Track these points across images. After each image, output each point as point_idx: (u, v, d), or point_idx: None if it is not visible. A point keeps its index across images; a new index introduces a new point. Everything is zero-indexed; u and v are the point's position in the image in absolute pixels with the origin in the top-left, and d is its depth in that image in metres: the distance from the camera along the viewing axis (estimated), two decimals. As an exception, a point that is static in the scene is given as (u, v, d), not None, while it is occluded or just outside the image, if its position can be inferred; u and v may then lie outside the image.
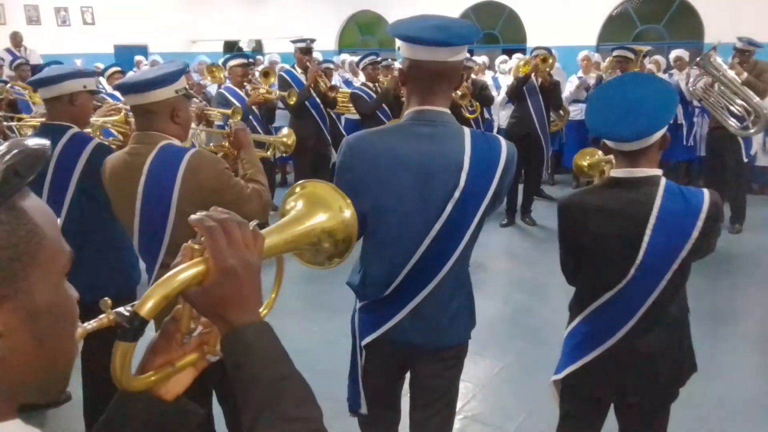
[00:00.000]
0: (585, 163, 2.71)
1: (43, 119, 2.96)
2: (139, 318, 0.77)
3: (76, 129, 2.63)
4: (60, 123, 2.62)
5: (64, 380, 0.69)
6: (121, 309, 0.78)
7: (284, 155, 3.88)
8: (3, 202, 0.58)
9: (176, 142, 2.09)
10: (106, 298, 0.79)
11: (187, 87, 2.17)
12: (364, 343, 1.98)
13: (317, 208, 1.00)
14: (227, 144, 2.58)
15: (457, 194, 1.77)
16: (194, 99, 5.29)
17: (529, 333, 4.15)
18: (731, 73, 5.41)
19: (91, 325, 0.77)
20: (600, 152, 2.60)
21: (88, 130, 3.11)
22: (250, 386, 0.79)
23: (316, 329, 4.04)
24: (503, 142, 1.88)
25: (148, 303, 0.77)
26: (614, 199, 1.90)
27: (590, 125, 1.98)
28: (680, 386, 2.06)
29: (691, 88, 6.03)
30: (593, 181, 2.57)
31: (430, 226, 1.80)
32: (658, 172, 1.91)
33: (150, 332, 0.89)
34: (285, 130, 3.89)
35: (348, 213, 1.01)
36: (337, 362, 3.52)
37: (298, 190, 1.06)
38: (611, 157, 2.10)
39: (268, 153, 3.91)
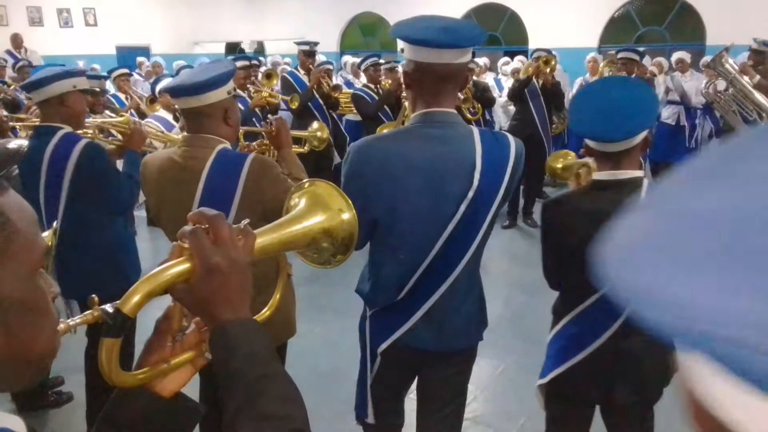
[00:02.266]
0: (559, 166, 2.71)
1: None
2: (122, 315, 0.78)
3: (67, 129, 2.62)
4: (51, 125, 2.62)
5: (40, 370, 0.70)
6: (106, 306, 0.79)
7: (317, 149, 3.82)
8: None
9: (228, 144, 2.07)
10: (93, 296, 0.80)
11: (236, 87, 2.14)
12: (380, 350, 1.95)
13: (316, 209, 1.01)
14: (266, 142, 2.53)
15: (470, 194, 1.75)
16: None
17: (531, 334, 4.13)
18: (747, 80, 5.32)
19: (74, 321, 0.78)
20: (573, 155, 2.59)
21: (89, 131, 3.12)
22: (232, 382, 0.80)
23: (318, 331, 4.04)
24: (511, 139, 1.87)
25: (131, 300, 0.79)
26: (598, 202, 1.91)
27: (575, 125, 2.01)
28: (665, 386, 2.07)
29: (703, 91, 5.99)
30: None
31: (444, 228, 1.78)
32: (641, 173, 1.93)
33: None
34: (315, 124, 3.83)
35: (347, 215, 1.02)
36: (340, 364, 3.52)
37: (306, 186, 1.06)
38: (587, 160, 2.11)
39: (305, 148, 3.86)
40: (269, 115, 6.08)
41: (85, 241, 2.62)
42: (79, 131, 2.76)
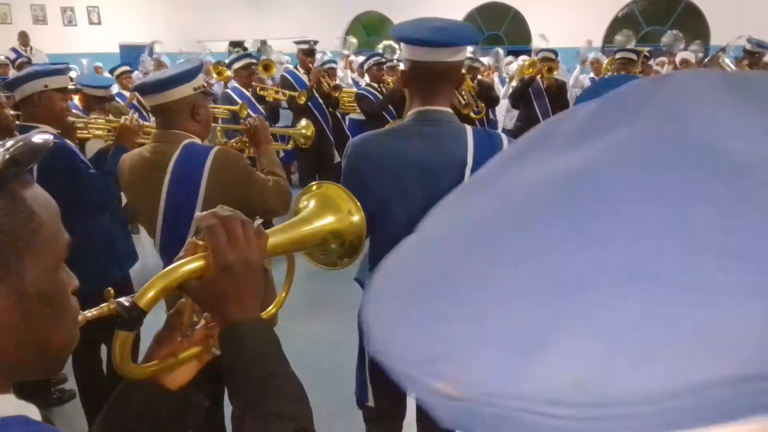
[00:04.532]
0: None
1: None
2: (137, 308, 0.79)
3: (42, 129, 2.57)
4: (28, 124, 2.61)
5: (60, 361, 0.71)
6: (122, 299, 0.80)
7: (304, 147, 3.86)
8: (1, 188, 0.61)
9: (197, 140, 2.10)
10: (109, 288, 0.82)
11: (205, 85, 2.19)
12: None
13: (326, 210, 1.02)
14: (245, 139, 2.58)
15: None
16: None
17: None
18: None
19: (91, 313, 0.79)
20: None
21: (81, 128, 3.12)
22: (241, 380, 0.81)
23: (319, 329, 4.05)
24: (504, 137, 1.93)
25: (147, 294, 0.80)
26: None
27: None
28: None
29: None
30: None
31: None
32: None
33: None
34: (303, 122, 3.87)
35: (357, 217, 1.03)
36: (340, 362, 3.52)
37: (314, 188, 1.07)
38: None
39: (289, 146, 3.89)
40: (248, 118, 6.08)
41: None
42: (72, 130, 2.76)
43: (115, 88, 6.65)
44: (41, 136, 0.68)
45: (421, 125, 1.84)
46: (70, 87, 2.89)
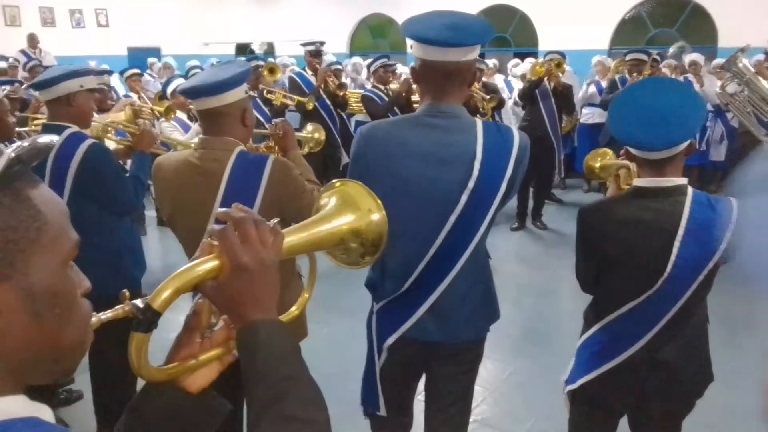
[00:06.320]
0: (597, 165, 2.56)
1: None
2: (152, 310, 0.79)
3: (73, 129, 2.60)
4: (58, 123, 2.59)
5: (70, 363, 0.70)
6: (136, 301, 0.80)
7: (312, 151, 3.86)
8: (5, 186, 0.61)
9: (243, 146, 2.04)
10: (124, 290, 0.82)
11: (249, 87, 2.12)
12: (387, 344, 1.96)
13: (345, 208, 1.00)
14: (272, 143, 2.50)
15: (471, 184, 1.77)
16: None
17: (539, 337, 4.13)
18: (764, 82, 5.20)
19: (106, 315, 0.78)
20: (611, 153, 2.52)
21: (93, 129, 3.12)
22: (257, 382, 0.81)
23: (326, 331, 4.04)
24: (515, 132, 1.88)
25: (161, 295, 0.80)
26: (640, 210, 1.83)
27: (615, 132, 1.87)
28: (698, 397, 2.01)
29: (718, 92, 5.91)
30: (605, 184, 2.50)
31: (446, 217, 1.80)
32: (684, 180, 1.83)
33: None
34: (309, 127, 3.84)
35: (377, 216, 1.01)
36: (347, 364, 3.52)
37: (336, 186, 1.06)
38: (628, 163, 2.02)
39: (305, 150, 3.90)
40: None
41: (85, 242, 2.58)
42: (86, 130, 2.75)
43: (122, 90, 6.68)
44: (47, 136, 0.68)
45: (430, 117, 1.82)
46: (97, 87, 2.89)
